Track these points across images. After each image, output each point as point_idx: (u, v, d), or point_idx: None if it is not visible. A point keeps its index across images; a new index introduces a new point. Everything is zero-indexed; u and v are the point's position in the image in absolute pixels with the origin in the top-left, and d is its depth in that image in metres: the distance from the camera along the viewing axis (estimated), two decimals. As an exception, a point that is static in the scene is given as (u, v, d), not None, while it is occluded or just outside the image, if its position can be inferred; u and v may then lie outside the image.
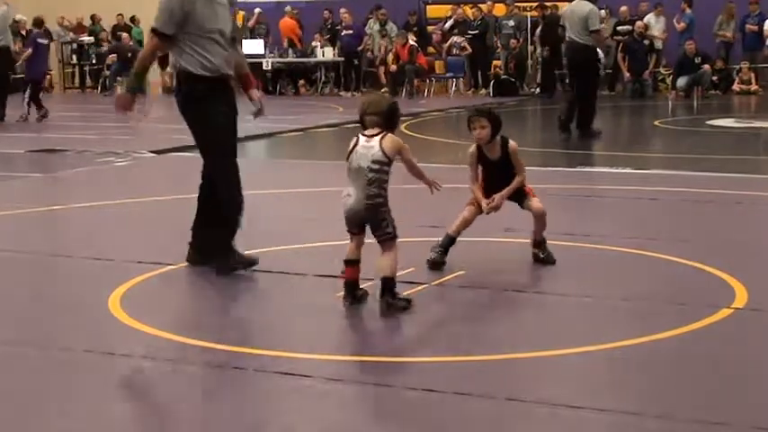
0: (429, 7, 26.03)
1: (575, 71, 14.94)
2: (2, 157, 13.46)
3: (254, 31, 25.50)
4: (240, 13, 25.95)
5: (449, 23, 24.58)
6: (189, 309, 6.12)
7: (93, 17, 28.19)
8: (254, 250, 7.01)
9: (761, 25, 21.64)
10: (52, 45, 22.73)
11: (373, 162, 5.58)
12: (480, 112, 6.63)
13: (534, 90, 23.61)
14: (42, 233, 8.50)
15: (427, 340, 5.37)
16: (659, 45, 22.92)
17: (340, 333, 5.50)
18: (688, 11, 22.82)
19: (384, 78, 23.61)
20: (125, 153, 12.99)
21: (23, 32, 24.21)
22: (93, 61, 27.59)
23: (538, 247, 6.70)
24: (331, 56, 24.50)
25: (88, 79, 28.06)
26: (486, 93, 23.21)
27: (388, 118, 5.68)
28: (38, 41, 19.33)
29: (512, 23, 24.04)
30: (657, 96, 22.02)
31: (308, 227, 7.99)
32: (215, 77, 6.58)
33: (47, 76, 21.15)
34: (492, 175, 6.68)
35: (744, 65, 22.24)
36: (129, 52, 23.57)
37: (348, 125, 15.59)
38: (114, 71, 24.84)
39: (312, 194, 9.97)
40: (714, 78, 21.98)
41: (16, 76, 21.93)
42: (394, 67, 23.16)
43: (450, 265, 6.57)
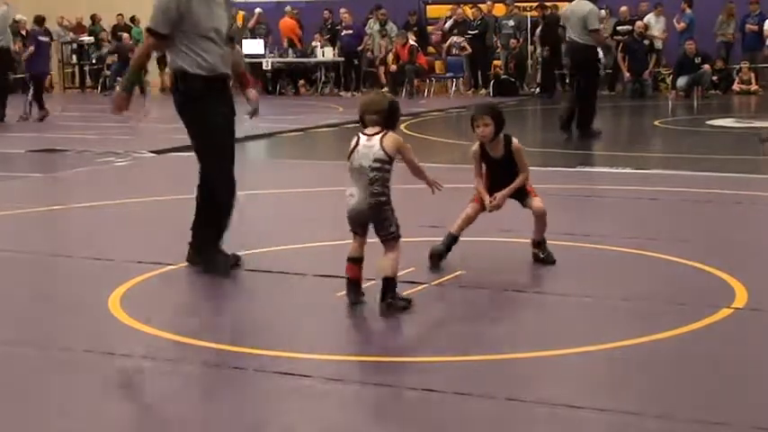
0: (429, 7, 26.03)
1: (575, 71, 14.95)
2: (2, 157, 13.46)
3: (254, 31, 25.49)
4: (240, 14, 25.98)
5: (449, 23, 24.58)
6: (189, 309, 6.12)
7: (93, 17, 28.18)
8: (255, 250, 7.03)
9: (761, 25, 21.60)
10: (52, 45, 22.71)
11: (375, 161, 5.58)
12: (484, 109, 6.64)
13: (534, 90, 23.60)
14: (42, 233, 8.50)
15: (427, 340, 5.37)
16: (659, 45, 22.92)
17: (340, 333, 5.50)
18: (688, 11, 22.82)
19: (384, 78, 23.61)
20: (125, 153, 12.98)
21: (23, 32, 24.22)
22: (93, 61, 27.61)
23: (538, 247, 6.70)
24: (331, 56, 24.49)
25: (88, 79, 28.07)
26: (486, 93, 23.21)
27: (388, 117, 5.68)
28: (39, 39, 19.32)
29: (512, 23, 24.04)
30: (657, 96, 22.02)
31: (308, 227, 7.99)
32: (211, 76, 6.57)
33: (48, 74, 21.03)
34: (495, 173, 6.69)
35: (744, 65, 22.24)
36: (130, 52, 23.55)
37: (348, 125, 15.58)
38: (114, 71, 24.82)
39: (312, 194, 9.97)
40: (714, 78, 21.97)
41: (16, 76, 21.94)
42: (394, 67, 23.16)
43: (451, 265, 6.57)
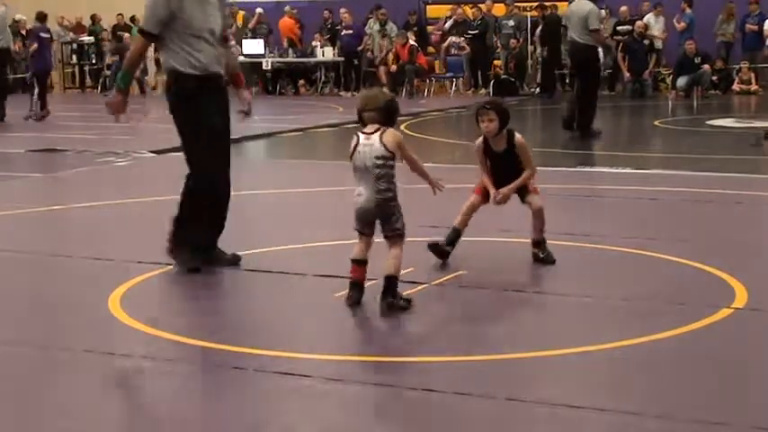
0: (429, 7, 26.02)
1: (576, 71, 14.95)
2: (2, 157, 13.46)
3: (255, 31, 25.49)
4: (240, 13, 25.98)
5: (449, 23, 24.58)
6: (189, 309, 6.11)
7: (93, 17, 28.18)
8: (255, 250, 7.03)
9: (761, 25, 21.58)
10: (52, 45, 22.71)
11: (377, 158, 5.59)
12: (489, 105, 6.68)
13: (534, 90, 23.60)
14: (42, 233, 8.50)
15: (427, 340, 5.37)
16: (659, 45, 22.91)
17: (340, 333, 5.49)
18: (688, 11, 22.81)
19: (384, 78, 23.60)
20: (125, 153, 12.98)
21: (23, 32, 24.22)
22: (93, 61, 27.61)
23: (537, 246, 6.71)
24: (331, 56, 24.49)
25: (88, 79, 28.06)
26: (486, 92, 23.18)
27: (385, 113, 5.68)
28: (41, 35, 19.32)
29: (512, 23, 24.03)
30: (657, 96, 22.00)
31: (308, 227, 7.99)
32: (204, 76, 6.55)
33: (51, 70, 20.96)
34: (497, 167, 6.74)
35: (744, 65, 22.23)
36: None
37: (348, 125, 15.57)
38: (115, 71, 24.82)
39: (312, 194, 9.97)
40: (714, 78, 21.96)
41: (16, 76, 21.94)
42: (394, 67, 23.16)
43: (451, 265, 6.58)
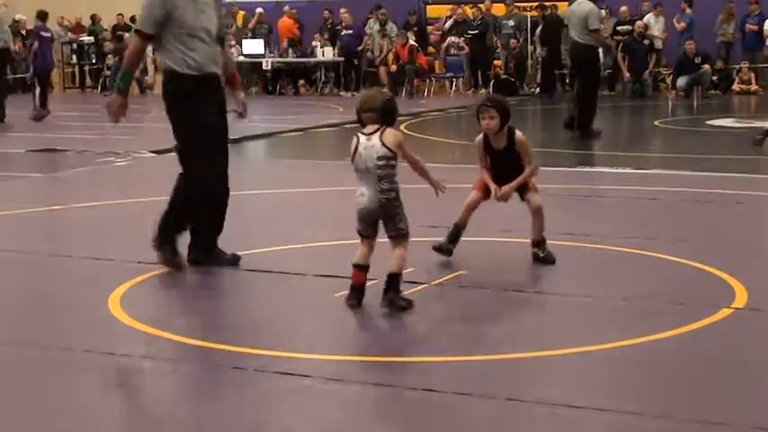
0: (429, 7, 26.02)
1: (576, 71, 14.95)
2: (2, 157, 13.47)
3: (255, 30, 25.48)
4: (240, 13, 25.98)
5: (449, 23, 24.57)
6: (189, 309, 6.11)
7: (93, 17, 28.18)
8: (255, 250, 7.03)
9: (761, 25, 21.57)
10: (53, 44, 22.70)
11: (378, 159, 5.58)
12: (490, 102, 6.70)
13: (534, 90, 23.60)
14: (42, 233, 8.50)
15: (427, 340, 5.37)
16: (659, 45, 22.91)
17: (340, 333, 5.50)
18: (688, 11, 22.80)
19: (385, 78, 23.59)
20: (125, 153, 12.98)
21: (23, 32, 24.22)
22: (94, 61, 27.60)
23: (537, 246, 6.71)
24: (331, 56, 24.48)
25: (88, 79, 28.07)
26: (486, 92, 23.16)
27: (384, 113, 5.67)
28: (41, 34, 19.31)
29: (512, 23, 24.03)
30: (657, 96, 22.00)
31: (308, 227, 7.98)
32: (200, 76, 6.54)
33: (52, 69, 20.89)
34: (497, 164, 6.75)
35: (744, 65, 22.22)
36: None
37: (348, 125, 15.57)
38: (115, 71, 24.83)
39: (312, 194, 9.97)
40: (714, 78, 21.95)
41: (16, 76, 21.93)
42: (394, 67, 23.16)
43: (451, 265, 6.58)
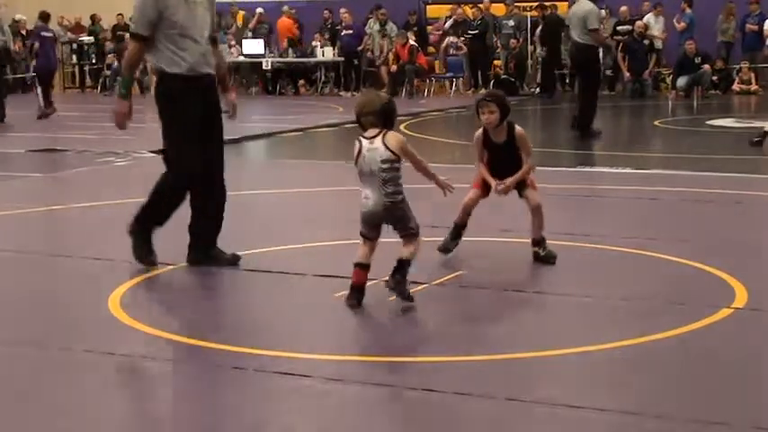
0: (429, 7, 26.02)
1: (576, 71, 14.96)
2: (2, 157, 13.46)
3: (255, 30, 25.48)
4: (240, 13, 25.98)
5: (449, 23, 24.57)
6: (189, 309, 6.11)
7: (92, 17, 28.18)
8: (255, 250, 7.03)
9: (761, 25, 21.57)
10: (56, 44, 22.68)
11: (383, 162, 5.59)
12: (490, 97, 6.72)
13: (534, 90, 23.60)
14: (42, 233, 8.50)
15: (427, 340, 5.38)
16: (659, 45, 22.91)
17: (340, 333, 5.50)
18: (688, 11, 22.80)
19: (385, 78, 23.60)
20: (125, 153, 12.98)
21: (23, 32, 24.23)
22: (94, 61, 27.60)
23: (538, 245, 6.71)
24: (331, 56, 24.48)
25: (88, 79, 28.07)
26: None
27: (383, 116, 5.68)
28: (42, 34, 19.30)
29: (512, 23, 24.04)
30: (657, 96, 22.00)
31: (308, 227, 7.98)
32: (191, 76, 6.54)
33: (54, 69, 20.85)
34: (497, 158, 6.77)
35: (744, 65, 22.22)
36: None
37: (348, 125, 15.57)
38: (115, 71, 24.83)
39: (312, 194, 9.96)
40: (714, 78, 21.95)
41: (16, 76, 21.93)
42: (394, 67, 23.16)
43: (451, 265, 6.58)
